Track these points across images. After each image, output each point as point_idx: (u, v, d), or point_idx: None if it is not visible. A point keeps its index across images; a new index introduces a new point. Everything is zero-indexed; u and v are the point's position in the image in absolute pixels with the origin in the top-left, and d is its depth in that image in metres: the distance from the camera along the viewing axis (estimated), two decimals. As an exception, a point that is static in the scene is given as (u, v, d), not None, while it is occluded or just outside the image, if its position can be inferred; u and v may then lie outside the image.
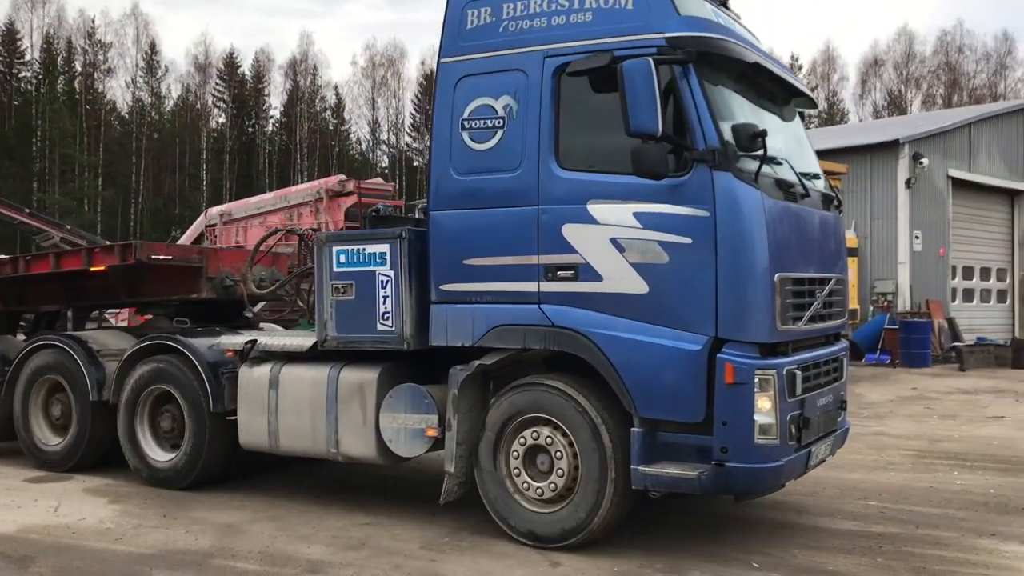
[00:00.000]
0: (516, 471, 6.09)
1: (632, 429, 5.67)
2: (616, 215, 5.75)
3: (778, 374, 5.49)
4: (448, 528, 6.59)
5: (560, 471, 5.90)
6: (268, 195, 23.79)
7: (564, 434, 5.91)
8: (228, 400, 7.57)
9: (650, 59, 5.43)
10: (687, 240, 5.55)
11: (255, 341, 7.45)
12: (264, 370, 7.32)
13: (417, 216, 7.36)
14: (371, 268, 6.62)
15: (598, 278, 5.82)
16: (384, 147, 73.39)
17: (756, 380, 5.41)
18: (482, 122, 6.22)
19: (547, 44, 6.04)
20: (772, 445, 5.49)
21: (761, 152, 5.51)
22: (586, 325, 5.83)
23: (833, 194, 6.83)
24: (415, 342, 6.49)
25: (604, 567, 5.70)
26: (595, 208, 5.82)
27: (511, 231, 6.11)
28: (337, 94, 72.08)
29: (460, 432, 6.24)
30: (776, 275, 5.57)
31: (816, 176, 6.63)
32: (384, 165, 70.08)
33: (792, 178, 6.09)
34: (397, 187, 36.09)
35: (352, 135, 73.45)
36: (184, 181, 63.06)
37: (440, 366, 6.65)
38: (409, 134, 71.89)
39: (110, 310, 12.52)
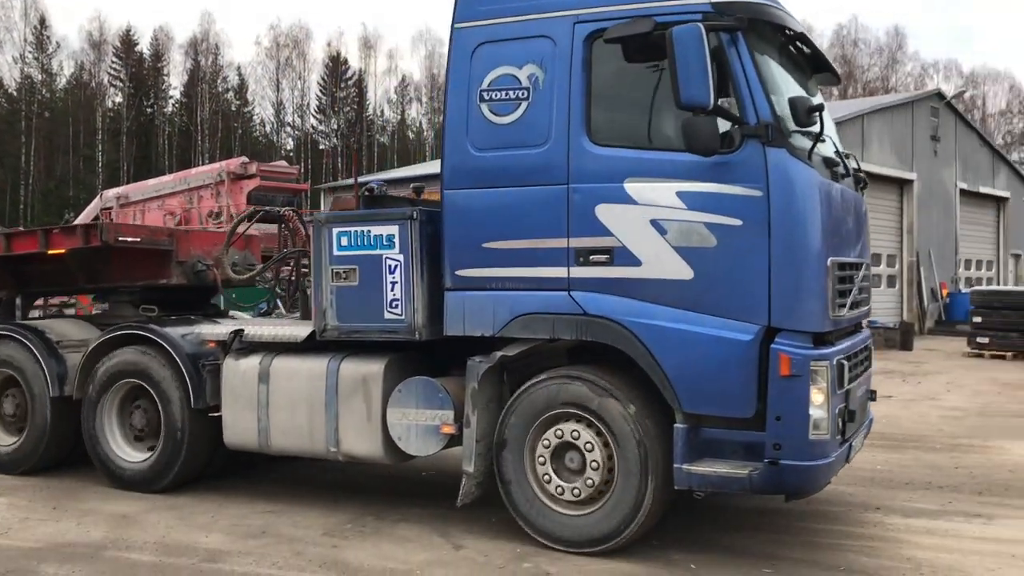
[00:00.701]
0: (544, 473, 5.64)
1: (675, 425, 5.28)
2: (657, 194, 5.32)
3: (830, 365, 5.16)
4: (351, 514, 6.49)
5: (595, 464, 5.47)
6: (167, 177, 23.32)
7: (598, 431, 5.49)
8: (210, 395, 6.96)
9: (700, 25, 5.00)
10: (737, 222, 5.16)
11: (241, 331, 6.84)
12: (253, 362, 6.72)
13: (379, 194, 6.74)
14: (377, 252, 6.08)
15: (636, 263, 5.39)
16: (289, 129, 71.53)
17: (811, 372, 5.06)
18: (504, 93, 5.72)
19: (578, 9, 5.57)
20: (824, 440, 5.15)
21: (817, 128, 5.15)
22: (623, 314, 5.40)
23: (862, 175, 6.52)
24: (427, 332, 5.98)
25: (506, 549, 5.64)
26: (633, 187, 5.38)
27: (538, 212, 5.64)
28: (240, 75, 69.67)
29: (479, 429, 5.76)
30: (829, 259, 5.24)
31: (848, 155, 6.31)
32: (289, 148, 68.03)
33: (835, 156, 5.75)
34: (302, 170, 35.05)
35: (256, 117, 71.23)
36: (78, 162, 60.07)
37: (446, 358, 6.21)
38: (315, 116, 70.15)
39: (58, 296, 11.61)
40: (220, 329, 6.99)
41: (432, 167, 18.11)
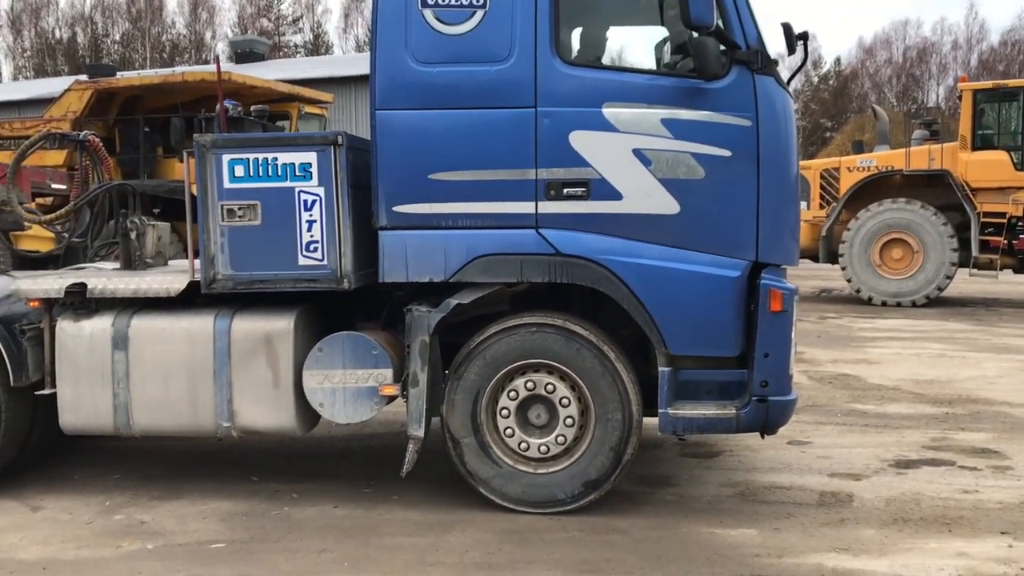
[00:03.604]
0: (506, 427, 5.10)
1: (660, 369, 4.97)
2: (640, 121, 4.89)
3: (796, 298, 5.15)
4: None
5: (569, 420, 5.04)
6: None
7: (572, 384, 5.04)
8: (33, 369, 5.44)
9: None
10: (726, 152, 4.90)
11: (82, 284, 5.36)
12: (102, 324, 5.32)
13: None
14: (287, 184, 5.03)
15: (616, 196, 4.94)
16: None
17: (793, 306, 5.01)
18: (454, -2, 4.91)
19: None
20: (792, 375, 5.17)
21: (804, 57, 5.02)
22: (603, 252, 4.95)
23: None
24: (357, 279, 5.08)
25: (93, 504, 5.35)
26: (613, 112, 4.89)
27: (498, 138, 4.95)
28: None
29: (428, 386, 5.05)
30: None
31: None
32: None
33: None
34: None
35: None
36: None
37: (354, 307, 5.39)
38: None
39: None
40: (47, 284, 5.43)
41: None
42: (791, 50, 5.04)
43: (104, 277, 5.47)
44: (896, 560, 4.27)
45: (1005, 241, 15.30)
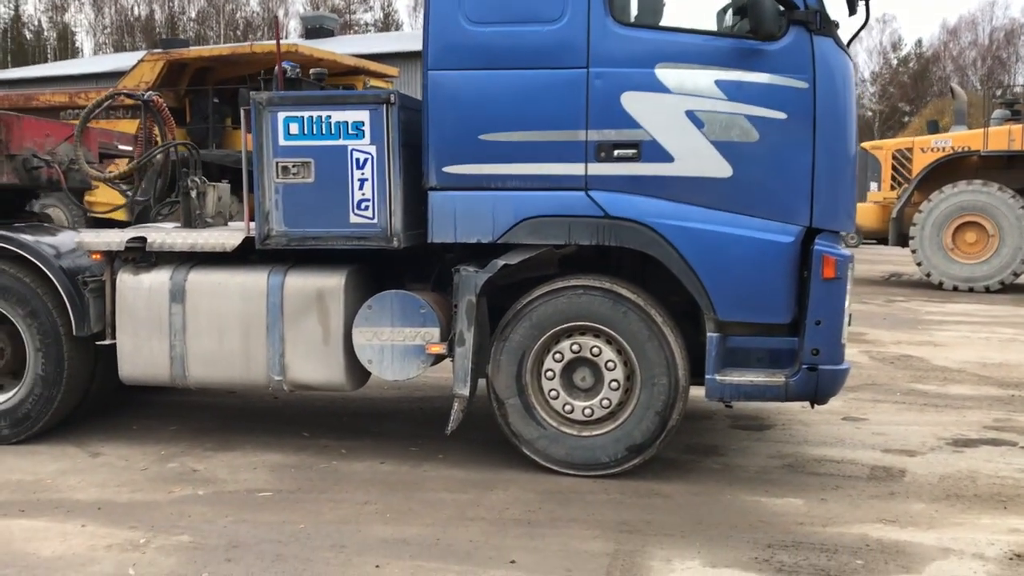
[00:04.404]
0: (551, 389, 5.09)
1: (709, 334, 4.91)
2: (694, 83, 4.81)
3: (852, 266, 5.03)
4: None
5: (615, 383, 5.01)
6: None
7: (618, 348, 5.00)
8: (95, 320, 5.62)
9: None
10: (781, 115, 4.79)
11: (143, 238, 5.51)
12: (161, 278, 5.47)
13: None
14: (341, 142, 5.08)
15: (668, 158, 4.88)
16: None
17: (848, 273, 4.90)
18: (508, -44, 4.88)
19: None
20: (845, 344, 5.05)
21: (865, 18, 4.88)
22: (652, 215, 4.89)
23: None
24: (406, 238, 5.12)
25: (150, 452, 5.51)
26: (666, 73, 4.83)
27: (550, 99, 4.92)
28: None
29: (474, 347, 5.08)
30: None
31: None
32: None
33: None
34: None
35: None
36: None
37: (404, 268, 5.44)
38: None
39: None
40: (109, 237, 5.59)
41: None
42: (852, 10, 4.90)
43: (163, 232, 5.61)
44: (945, 534, 4.15)
45: (1086, 225, 14.69)
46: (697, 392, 5.11)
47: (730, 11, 5.39)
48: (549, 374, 5.09)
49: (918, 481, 4.99)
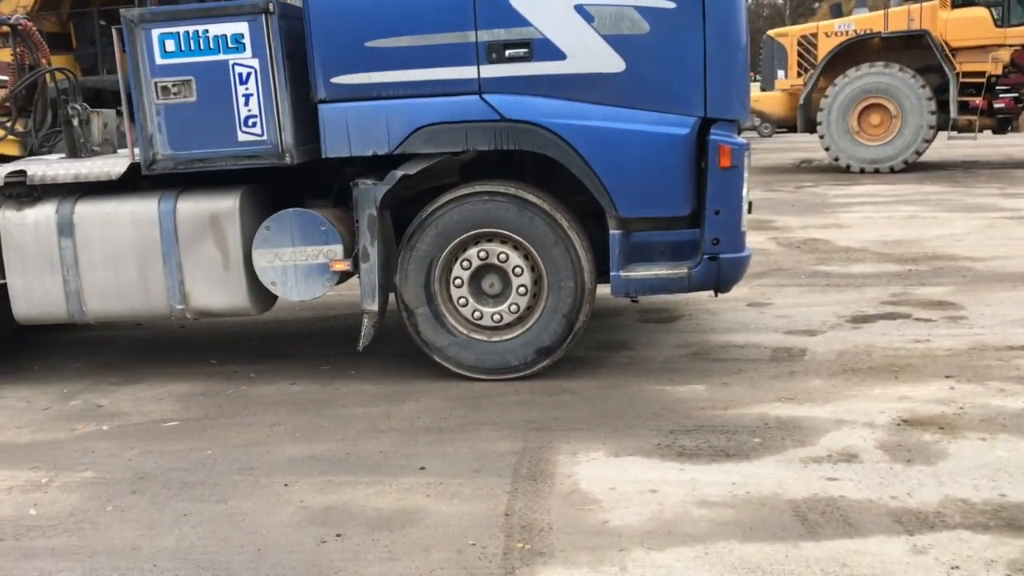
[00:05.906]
0: (460, 297, 5.09)
1: (611, 232, 4.94)
2: (581, -24, 4.71)
3: (748, 153, 5.07)
4: None
5: (522, 288, 5.03)
6: None
7: (525, 253, 5.00)
8: (-24, 260, 5.39)
9: None
10: (670, 4, 4.74)
11: (23, 172, 5.25)
12: (47, 212, 5.25)
13: None
14: (221, 57, 4.88)
15: (560, 56, 4.80)
16: None
17: (745, 161, 4.94)
18: None
19: None
20: (745, 231, 5.14)
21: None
22: (549, 116, 4.84)
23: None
24: (300, 154, 4.99)
25: (52, 391, 5.38)
26: (552, -33, 4.71)
27: None
28: None
29: (380, 261, 5.02)
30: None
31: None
32: None
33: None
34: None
35: None
36: None
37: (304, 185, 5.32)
38: None
39: None
40: (-14, 172, 5.32)
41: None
42: None
43: (45, 164, 5.36)
44: (840, 407, 4.34)
45: (984, 101, 15.10)
46: (605, 289, 5.16)
47: None
48: (457, 282, 5.08)
49: (817, 359, 5.17)
